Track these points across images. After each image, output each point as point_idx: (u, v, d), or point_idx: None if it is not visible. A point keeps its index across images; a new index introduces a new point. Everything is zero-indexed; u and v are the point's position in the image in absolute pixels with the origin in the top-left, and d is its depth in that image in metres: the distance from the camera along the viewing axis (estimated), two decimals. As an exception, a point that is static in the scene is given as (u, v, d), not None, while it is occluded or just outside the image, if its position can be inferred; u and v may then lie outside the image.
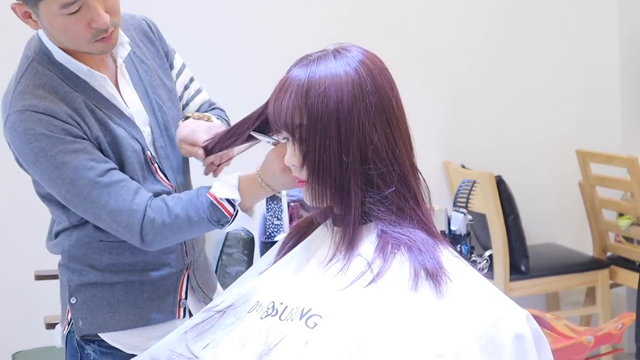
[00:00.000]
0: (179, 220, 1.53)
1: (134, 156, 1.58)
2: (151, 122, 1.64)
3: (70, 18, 1.44)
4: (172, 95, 1.72)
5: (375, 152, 1.24)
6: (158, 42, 1.74)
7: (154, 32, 1.74)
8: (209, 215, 1.53)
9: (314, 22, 3.50)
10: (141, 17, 1.75)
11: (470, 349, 1.13)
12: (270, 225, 2.45)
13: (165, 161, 1.66)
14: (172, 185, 1.66)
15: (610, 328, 2.05)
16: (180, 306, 1.71)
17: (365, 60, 1.26)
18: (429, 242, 1.24)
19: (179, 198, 1.55)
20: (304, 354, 1.16)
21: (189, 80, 1.82)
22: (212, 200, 1.52)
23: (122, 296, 1.65)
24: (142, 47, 1.69)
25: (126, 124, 1.59)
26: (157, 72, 1.70)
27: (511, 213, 3.41)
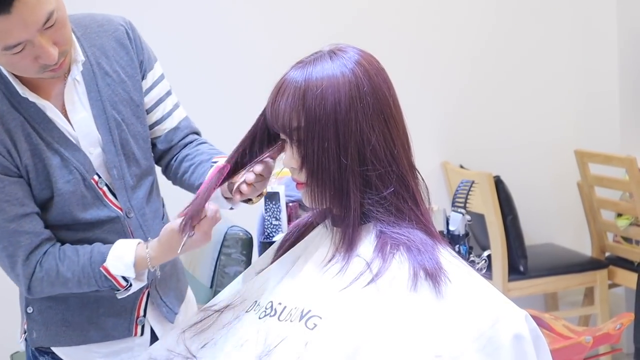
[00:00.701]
0: (69, 283, 1.53)
1: (67, 187, 1.52)
2: (104, 142, 1.57)
3: (15, 56, 1.38)
4: (138, 110, 1.63)
5: (373, 153, 1.24)
6: (134, 50, 1.64)
7: (131, 39, 1.64)
8: (100, 284, 1.53)
9: (312, 23, 3.50)
10: (119, 22, 1.64)
11: (469, 349, 1.13)
12: (268, 225, 2.45)
13: (119, 182, 1.59)
14: (123, 208, 1.59)
15: (608, 328, 2.05)
16: (137, 324, 1.66)
17: (362, 61, 1.26)
18: (428, 242, 1.24)
19: (70, 260, 1.52)
20: (303, 355, 1.16)
21: (166, 94, 1.72)
22: (105, 274, 1.51)
23: (77, 310, 1.61)
24: (112, 57, 1.60)
25: (66, 150, 1.52)
26: (124, 84, 1.61)
27: (510, 213, 3.41)
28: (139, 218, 1.63)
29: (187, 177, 1.68)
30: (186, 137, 1.74)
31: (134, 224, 1.61)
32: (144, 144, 1.65)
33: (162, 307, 1.70)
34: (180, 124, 1.73)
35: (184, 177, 1.69)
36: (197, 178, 1.65)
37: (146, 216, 1.65)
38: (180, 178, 1.71)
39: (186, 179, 1.69)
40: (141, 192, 1.64)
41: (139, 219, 1.63)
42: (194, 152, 1.71)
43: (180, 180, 1.72)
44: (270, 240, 2.39)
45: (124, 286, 1.52)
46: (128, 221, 1.60)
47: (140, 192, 1.64)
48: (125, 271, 1.51)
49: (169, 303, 1.72)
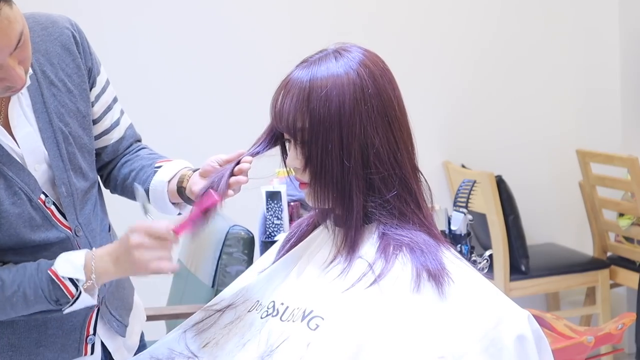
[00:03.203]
0: (14, 298, 1.39)
1: (13, 209, 1.41)
2: (50, 157, 1.45)
3: None
4: (85, 121, 1.52)
5: (377, 156, 1.24)
6: (81, 56, 1.51)
7: (77, 43, 1.51)
8: (47, 294, 1.39)
9: (316, 23, 3.50)
10: (65, 25, 1.50)
11: (472, 350, 1.13)
12: (270, 224, 2.45)
13: (67, 199, 1.48)
14: (71, 227, 1.49)
15: (610, 328, 2.05)
16: (87, 342, 1.55)
17: (366, 61, 1.26)
18: (431, 243, 1.23)
19: (17, 272, 1.40)
20: (306, 356, 1.16)
21: (113, 101, 1.61)
22: (53, 277, 1.38)
23: (25, 333, 1.49)
24: (57, 65, 1.48)
25: (10, 169, 1.40)
26: (70, 94, 1.49)
27: (511, 213, 3.41)
28: (88, 235, 1.53)
29: (129, 183, 1.61)
30: (130, 146, 1.67)
31: (82, 243, 1.51)
32: (89, 157, 1.55)
33: (112, 322, 1.60)
34: (126, 132, 1.65)
35: (125, 184, 1.62)
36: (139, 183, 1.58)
37: (94, 232, 1.56)
38: (120, 184, 1.64)
39: (127, 185, 1.61)
40: (88, 208, 1.54)
41: (88, 236, 1.53)
42: (133, 157, 1.64)
43: (121, 187, 1.64)
44: (271, 240, 2.39)
45: (73, 294, 1.39)
46: (77, 240, 1.50)
47: (87, 207, 1.54)
48: (74, 273, 1.39)
49: (118, 316, 1.62)
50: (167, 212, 1.60)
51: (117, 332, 1.61)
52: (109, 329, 1.60)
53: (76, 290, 1.40)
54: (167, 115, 3.36)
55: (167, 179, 1.55)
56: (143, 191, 1.50)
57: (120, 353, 1.63)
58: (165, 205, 1.58)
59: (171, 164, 1.59)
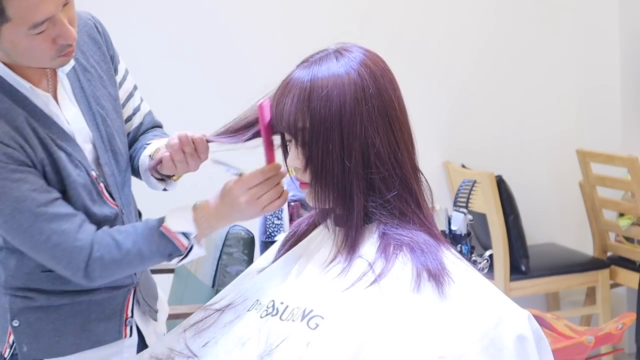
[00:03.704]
0: (130, 256, 1.45)
1: (78, 181, 1.47)
2: (94, 138, 1.54)
3: (36, 37, 1.36)
4: (116, 104, 1.61)
5: (377, 156, 1.24)
6: (104, 45, 1.61)
7: (100, 33, 1.61)
8: (162, 250, 1.46)
9: (315, 22, 3.50)
10: (87, 17, 1.60)
11: (472, 350, 1.13)
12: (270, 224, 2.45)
13: (111, 178, 1.56)
14: (118, 205, 1.56)
15: (610, 328, 2.05)
16: (126, 325, 1.63)
17: (367, 61, 1.26)
18: (431, 243, 1.24)
19: (126, 232, 1.46)
20: (305, 355, 1.16)
21: (133, 88, 1.69)
22: (165, 233, 1.45)
23: (69, 318, 1.56)
24: (87, 53, 1.57)
25: (68, 145, 1.48)
26: (102, 80, 1.58)
27: (511, 213, 3.41)
28: (128, 215, 1.60)
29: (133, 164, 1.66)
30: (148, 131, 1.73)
31: (126, 220, 1.58)
32: (124, 138, 1.63)
33: (145, 307, 1.68)
34: (144, 119, 1.71)
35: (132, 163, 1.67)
36: (136, 163, 1.64)
37: (132, 213, 1.62)
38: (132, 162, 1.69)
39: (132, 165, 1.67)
40: (126, 189, 1.61)
41: (128, 216, 1.59)
42: (140, 139, 1.70)
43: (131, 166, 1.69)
44: (272, 240, 2.39)
45: (185, 247, 1.45)
46: (124, 218, 1.57)
47: (126, 188, 1.61)
48: (185, 225, 1.44)
49: (149, 302, 1.70)
50: (153, 187, 1.65)
51: (150, 316, 1.69)
52: (142, 313, 1.68)
53: (188, 242, 1.46)
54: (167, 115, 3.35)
55: (149, 153, 1.60)
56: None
57: (151, 338, 1.69)
58: (149, 180, 1.63)
59: (159, 140, 1.64)
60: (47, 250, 1.43)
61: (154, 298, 1.74)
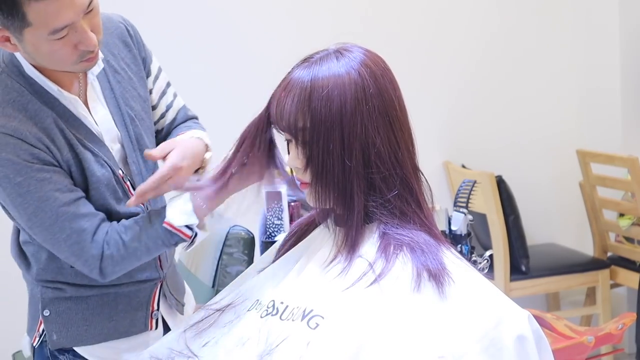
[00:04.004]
0: (138, 252, 1.52)
1: (101, 181, 1.54)
2: (122, 138, 1.60)
3: (57, 42, 1.39)
4: (145, 105, 1.67)
5: (378, 156, 1.24)
6: (135, 47, 1.67)
7: (132, 36, 1.67)
8: (167, 242, 1.52)
9: (316, 21, 3.50)
10: (119, 20, 1.67)
11: (472, 350, 1.13)
12: (270, 225, 2.45)
13: (138, 177, 1.62)
14: (144, 202, 1.61)
15: (610, 328, 2.05)
16: (152, 317, 1.69)
17: (367, 61, 1.26)
18: (431, 243, 1.24)
19: (132, 229, 1.52)
20: (305, 355, 1.16)
21: (166, 86, 1.76)
22: (169, 229, 1.50)
23: (97, 309, 1.63)
24: (117, 55, 1.63)
25: (94, 146, 1.54)
26: (132, 81, 1.64)
27: (511, 213, 3.41)
28: None
29: None
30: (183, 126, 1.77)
31: None
32: (153, 138, 1.69)
33: (171, 300, 1.74)
34: (177, 114, 1.77)
35: None
36: None
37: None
38: None
39: None
40: None
41: None
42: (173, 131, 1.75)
43: None
44: (272, 240, 2.39)
45: (189, 236, 1.52)
46: None
47: None
48: (188, 219, 1.50)
49: (176, 295, 1.76)
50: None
51: (176, 309, 1.75)
52: (169, 306, 1.73)
53: (192, 232, 1.52)
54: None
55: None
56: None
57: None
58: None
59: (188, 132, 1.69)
60: (67, 247, 1.50)
61: (181, 292, 1.81)
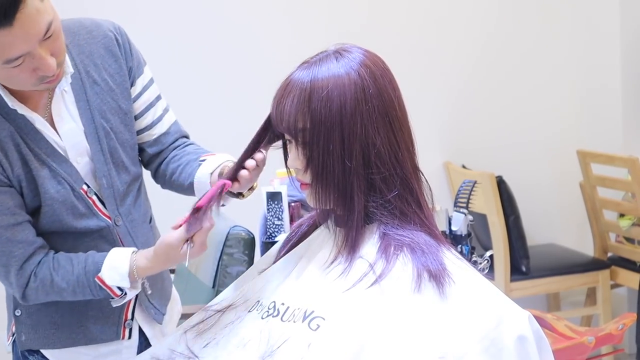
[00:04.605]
0: (64, 293, 1.53)
1: (56, 198, 1.52)
2: (92, 151, 1.56)
3: (14, 69, 1.36)
4: (126, 118, 1.63)
5: (378, 156, 1.24)
6: (122, 57, 1.62)
7: (120, 44, 1.62)
8: (95, 294, 1.53)
9: (317, 23, 3.50)
10: (108, 27, 1.62)
11: (472, 350, 1.13)
12: (271, 225, 2.44)
13: (108, 190, 1.59)
14: (111, 216, 1.59)
15: (611, 328, 2.05)
16: (125, 327, 1.66)
17: (367, 62, 1.26)
18: (432, 243, 1.24)
19: (64, 269, 1.52)
20: (306, 356, 1.16)
21: (155, 98, 1.71)
22: (100, 284, 1.51)
23: (67, 314, 1.61)
24: (100, 65, 1.59)
25: (54, 161, 1.52)
26: (112, 93, 1.60)
27: (512, 213, 3.41)
28: (127, 225, 1.63)
29: (176, 178, 1.69)
30: (176, 141, 1.74)
31: (122, 232, 1.62)
32: (132, 152, 1.65)
33: (150, 309, 1.70)
34: (170, 128, 1.73)
35: (172, 178, 1.70)
36: (185, 178, 1.65)
37: (134, 222, 1.65)
38: (169, 180, 1.71)
39: (175, 179, 1.69)
40: (129, 199, 1.64)
41: (127, 225, 1.63)
42: (181, 153, 1.72)
43: (169, 182, 1.72)
44: (272, 240, 2.39)
45: (118, 295, 1.53)
46: (117, 229, 1.61)
47: (129, 198, 1.64)
48: (120, 281, 1.51)
49: (156, 304, 1.72)
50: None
51: (155, 319, 1.70)
52: (146, 315, 1.70)
53: (121, 292, 1.54)
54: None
55: (209, 171, 1.63)
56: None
57: (158, 340, 1.69)
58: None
59: (215, 157, 1.66)
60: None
61: (164, 299, 1.76)
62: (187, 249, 1.45)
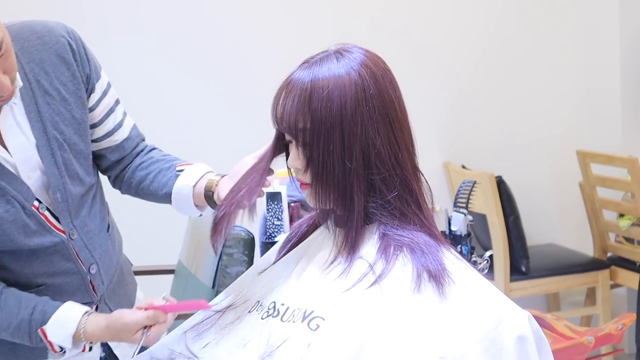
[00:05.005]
0: (1, 332, 1.49)
1: (5, 218, 1.45)
2: (45, 165, 1.48)
3: None
4: (80, 128, 1.54)
5: (378, 157, 1.24)
6: (77, 64, 1.52)
7: (74, 51, 1.51)
8: (34, 342, 1.49)
9: (315, 22, 3.50)
10: (61, 33, 1.51)
11: (472, 350, 1.13)
12: (270, 225, 2.44)
13: (62, 205, 1.52)
14: (65, 231, 1.53)
15: (610, 328, 2.05)
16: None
17: (367, 62, 1.26)
18: (431, 244, 1.24)
19: (9, 310, 1.47)
20: (306, 356, 1.16)
21: (115, 103, 1.63)
22: (42, 336, 1.47)
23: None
24: (52, 74, 1.49)
25: (3, 179, 1.44)
26: (65, 102, 1.51)
27: (511, 213, 3.41)
28: (83, 237, 1.57)
29: (146, 186, 1.65)
30: (137, 146, 1.70)
31: (78, 245, 1.56)
32: (86, 162, 1.58)
33: None
34: (131, 133, 1.67)
35: (142, 186, 1.66)
36: (158, 187, 1.63)
37: (90, 233, 1.59)
38: (135, 187, 1.68)
39: (144, 187, 1.66)
40: (84, 211, 1.58)
41: (83, 238, 1.57)
42: (147, 160, 1.68)
43: (136, 189, 1.68)
44: (272, 241, 2.39)
45: (56, 352, 1.48)
46: (72, 243, 1.55)
47: (83, 210, 1.58)
48: (62, 341, 1.47)
49: None
50: (190, 213, 1.65)
51: None
52: None
53: (61, 351, 1.49)
54: (171, 116, 3.36)
55: (192, 183, 1.60)
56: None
57: (122, 348, 1.66)
58: (190, 208, 1.62)
59: (193, 168, 1.62)
60: None
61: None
62: (141, 336, 1.43)
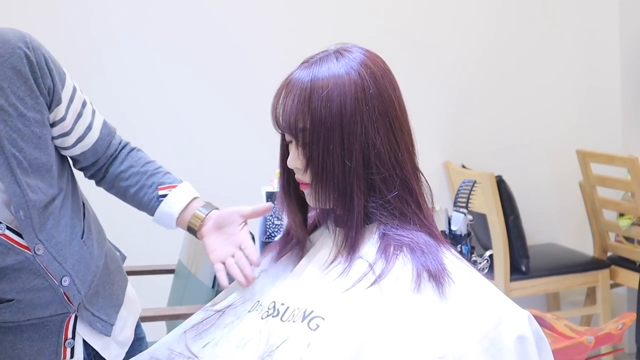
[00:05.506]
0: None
1: None
2: (5, 184, 1.42)
3: None
4: (40, 142, 1.47)
5: (378, 157, 1.24)
6: (37, 75, 1.44)
7: (32, 63, 1.43)
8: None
9: (316, 22, 3.50)
10: (18, 45, 1.42)
11: (472, 350, 1.13)
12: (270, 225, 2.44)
13: (25, 222, 1.45)
14: (30, 247, 1.46)
15: (610, 328, 2.05)
16: (65, 347, 1.55)
17: (367, 62, 1.26)
18: (431, 243, 1.24)
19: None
20: (306, 356, 1.16)
21: (82, 106, 1.56)
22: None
23: (0, 336, 1.52)
24: (7, 89, 1.41)
25: None
26: (23, 118, 1.43)
27: (511, 213, 3.41)
28: (51, 250, 1.50)
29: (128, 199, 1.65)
30: (110, 145, 1.65)
31: (46, 259, 1.49)
32: (48, 174, 1.51)
33: (95, 323, 1.59)
34: (101, 132, 1.62)
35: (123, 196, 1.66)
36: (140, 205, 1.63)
37: (59, 245, 1.52)
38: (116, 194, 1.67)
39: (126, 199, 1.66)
40: (49, 223, 1.51)
41: (51, 251, 1.50)
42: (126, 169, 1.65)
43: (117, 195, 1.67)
44: (272, 240, 2.39)
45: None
46: (39, 258, 1.48)
47: (49, 222, 1.50)
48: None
49: (103, 316, 1.61)
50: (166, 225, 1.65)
51: (102, 332, 1.60)
52: (91, 330, 1.59)
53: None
54: (172, 116, 3.36)
55: (176, 213, 1.60)
56: None
57: (110, 350, 1.63)
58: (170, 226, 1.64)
59: (177, 193, 1.61)
60: None
61: (114, 307, 1.66)
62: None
